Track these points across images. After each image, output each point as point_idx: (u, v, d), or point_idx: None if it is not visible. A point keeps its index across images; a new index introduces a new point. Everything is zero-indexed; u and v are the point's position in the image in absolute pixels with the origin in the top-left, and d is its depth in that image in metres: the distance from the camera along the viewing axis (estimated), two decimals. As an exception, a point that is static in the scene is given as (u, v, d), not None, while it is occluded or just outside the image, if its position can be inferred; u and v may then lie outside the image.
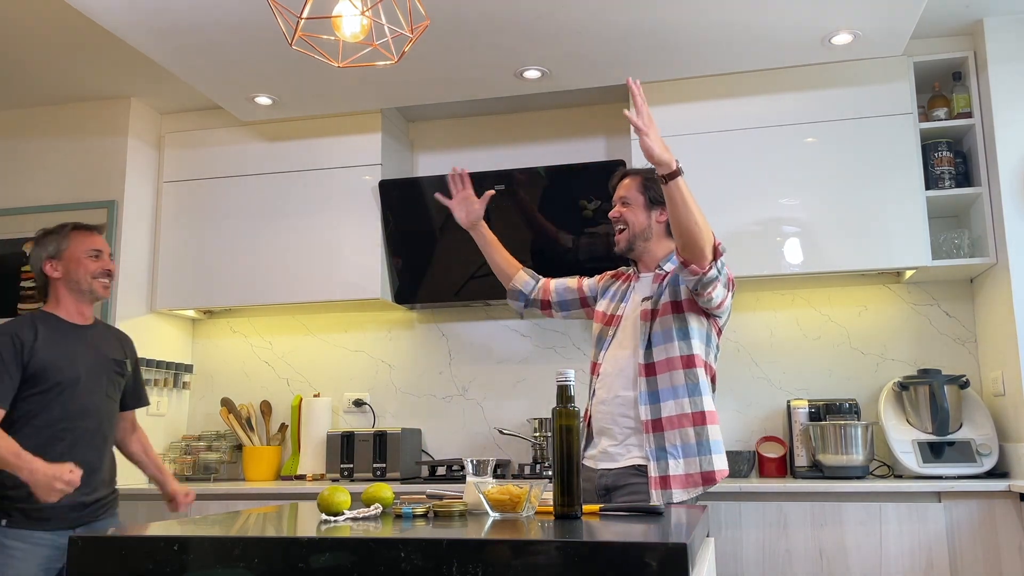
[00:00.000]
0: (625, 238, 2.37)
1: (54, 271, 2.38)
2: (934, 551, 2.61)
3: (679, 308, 2.26)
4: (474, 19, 2.73)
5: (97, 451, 2.36)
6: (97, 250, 2.42)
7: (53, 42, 3.17)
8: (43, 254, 2.39)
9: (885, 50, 3.00)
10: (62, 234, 2.41)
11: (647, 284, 2.37)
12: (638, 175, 2.39)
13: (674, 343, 2.24)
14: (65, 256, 2.38)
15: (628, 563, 1.06)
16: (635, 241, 2.37)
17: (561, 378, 1.56)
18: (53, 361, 2.28)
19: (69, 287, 2.39)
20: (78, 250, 2.39)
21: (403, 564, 1.12)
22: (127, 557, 1.20)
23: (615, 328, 2.36)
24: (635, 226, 2.35)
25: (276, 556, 1.16)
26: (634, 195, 2.36)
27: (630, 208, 2.36)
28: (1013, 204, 2.91)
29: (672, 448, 2.19)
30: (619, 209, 2.37)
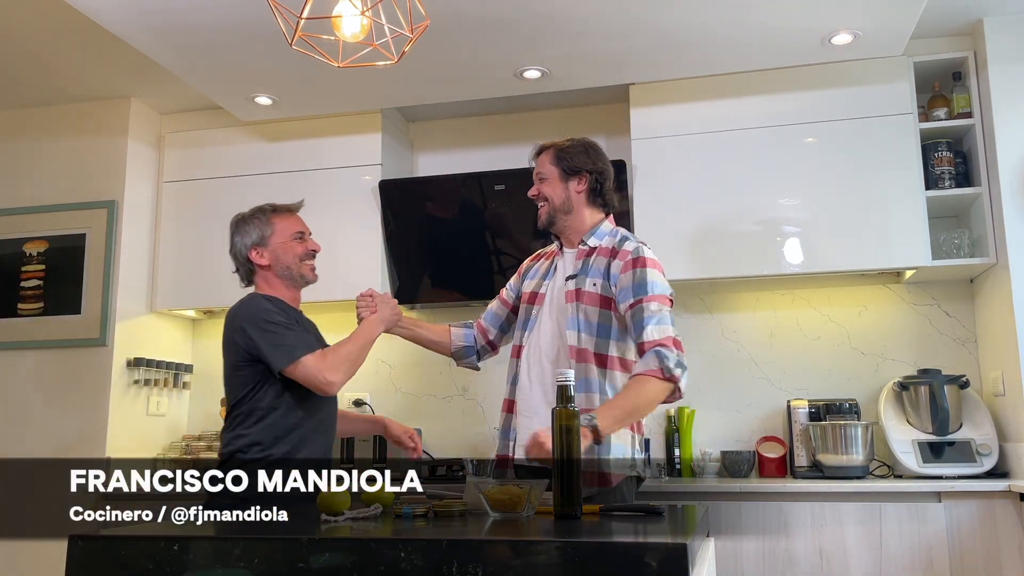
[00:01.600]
0: (546, 211, 2.27)
1: (261, 258, 2.29)
2: (934, 551, 2.61)
3: (607, 305, 2.15)
4: (474, 19, 2.73)
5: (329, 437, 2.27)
6: (301, 232, 2.34)
7: (53, 42, 3.16)
8: (248, 241, 2.31)
9: (885, 50, 3.00)
10: (264, 219, 2.32)
11: (571, 260, 2.27)
12: (550, 148, 2.29)
13: (593, 337, 2.14)
14: (272, 242, 2.30)
15: (628, 563, 1.06)
16: (556, 215, 2.26)
17: (561, 378, 1.56)
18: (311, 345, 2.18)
19: (279, 273, 2.30)
20: (284, 234, 2.31)
21: (403, 564, 1.11)
22: (127, 557, 1.20)
23: (539, 307, 2.26)
24: (554, 199, 2.25)
25: (276, 556, 1.16)
26: (548, 169, 2.27)
27: (547, 182, 2.27)
28: (1013, 204, 2.91)
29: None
30: (536, 187, 2.28)
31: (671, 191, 3.19)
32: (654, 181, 3.20)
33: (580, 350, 2.13)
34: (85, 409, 3.44)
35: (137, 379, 3.56)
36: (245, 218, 2.35)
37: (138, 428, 3.57)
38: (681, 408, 3.31)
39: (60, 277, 3.56)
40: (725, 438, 3.33)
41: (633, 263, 2.13)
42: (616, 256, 2.17)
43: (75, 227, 3.58)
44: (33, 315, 3.56)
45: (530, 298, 2.30)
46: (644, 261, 2.13)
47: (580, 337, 2.13)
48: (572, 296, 2.18)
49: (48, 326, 3.53)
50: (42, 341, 3.53)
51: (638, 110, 3.27)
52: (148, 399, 3.62)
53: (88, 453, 3.41)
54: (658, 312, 2.05)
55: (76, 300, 3.52)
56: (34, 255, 3.61)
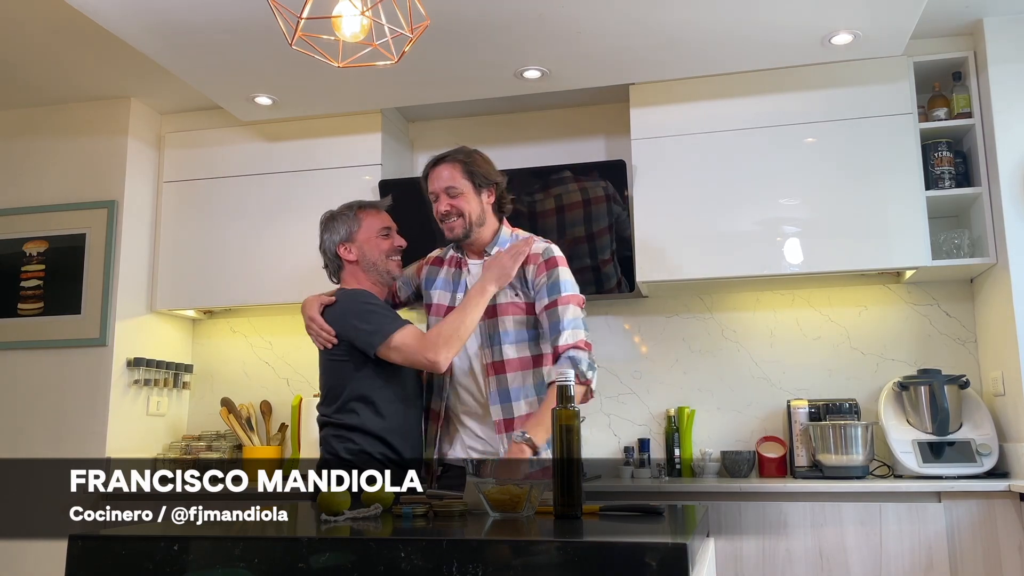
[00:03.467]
0: (461, 226, 2.27)
1: (348, 254, 2.36)
2: (934, 551, 2.61)
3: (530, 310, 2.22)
4: (474, 19, 2.73)
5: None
6: (387, 228, 2.40)
7: (53, 42, 3.16)
8: (336, 238, 2.37)
9: (885, 50, 3.00)
10: (351, 216, 2.38)
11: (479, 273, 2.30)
12: (455, 162, 2.30)
13: (525, 343, 2.21)
14: (358, 238, 2.36)
15: (628, 563, 1.06)
16: (471, 229, 2.28)
17: (561, 378, 1.56)
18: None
19: (365, 268, 2.36)
20: (370, 231, 2.37)
21: (403, 564, 1.11)
22: (127, 557, 1.20)
23: None
24: (471, 214, 2.27)
25: (276, 556, 1.16)
26: (463, 183, 2.27)
27: (463, 197, 2.27)
28: (1013, 204, 2.91)
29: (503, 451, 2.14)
30: (449, 202, 2.27)
31: (671, 191, 3.19)
32: (654, 181, 3.20)
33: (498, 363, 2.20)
34: (85, 409, 3.44)
35: (137, 379, 3.56)
36: (334, 215, 2.41)
37: (138, 428, 3.57)
38: (681, 408, 3.31)
39: (60, 277, 3.56)
40: (725, 438, 3.33)
41: (546, 264, 2.22)
42: (527, 262, 2.24)
43: (75, 227, 3.58)
44: (33, 315, 3.56)
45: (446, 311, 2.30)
46: (555, 261, 2.23)
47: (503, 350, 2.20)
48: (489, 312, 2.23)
49: (48, 326, 3.53)
50: (42, 341, 3.53)
51: (638, 110, 3.27)
52: (148, 399, 3.63)
53: (88, 453, 3.41)
54: (572, 316, 2.16)
55: (76, 300, 3.52)
56: (34, 255, 3.61)
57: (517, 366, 2.20)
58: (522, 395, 2.18)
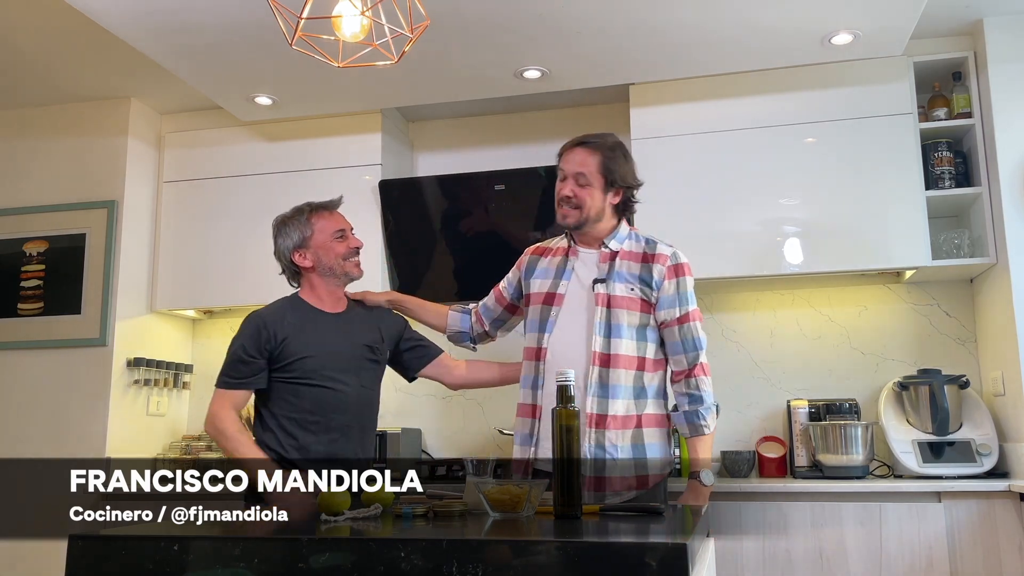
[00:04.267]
0: (575, 217, 2.18)
1: (304, 260, 2.30)
2: (934, 551, 2.61)
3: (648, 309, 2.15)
4: (474, 19, 2.73)
5: (352, 444, 2.26)
6: (341, 230, 2.33)
7: (53, 42, 3.16)
8: (290, 243, 2.31)
9: (885, 50, 3.00)
10: (303, 220, 2.32)
11: (592, 262, 2.22)
12: (597, 150, 2.19)
13: (633, 341, 2.13)
14: (312, 244, 2.30)
15: (628, 563, 1.06)
16: (586, 223, 2.20)
17: (561, 378, 1.56)
18: (299, 349, 2.21)
19: (322, 274, 2.31)
20: (324, 234, 2.30)
21: (403, 564, 1.11)
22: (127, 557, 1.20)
23: (558, 308, 2.20)
24: (590, 209, 2.18)
25: (276, 556, 1.16)
26: (594, 175, 2.17)
27: (589, 189, 2.17)
28: (1013, 204, 2.91)
29: (612, 448, 2.09)
30: (574, 188, 2.17)
31: (671, 191, 3.18)
32: (654, 181, 3.17)
33: (607, 356, 2.11)
34: (85, 409, 3.44)
35: (137, 379, 3.56)
36: (285, 220, 2.35)
37: (138, 428, 3.57)
38: (681, 408, 3.31)
39: (60, 277, 3.56)
40: (725, 438, 3.33)
41: (675, 271, 2.18)
42: (654, 261, 2.18)
43: (75, 227, 3.58)
44: (33, 315, 3.56)
45: (547, 298, 2.22)
46: (683, 269, 2.19)
47: (610, 343, 2.12)
48: (604, 300, 2.14)
49: (48, 326, 3.53)
50: (42, 341, 3.53)
51: (638, 110, 3.27)
52: (148, 399, 3.63)
53: (88, 453, 3.41)
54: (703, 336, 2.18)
55: (76, 300, 3.52)
56: (34, 255, 3.61)
57: (623, 363, 2.12)
58: (621, 394, 2.11)
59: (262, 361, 2.21)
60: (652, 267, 2.17)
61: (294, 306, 2.31)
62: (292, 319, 2.26)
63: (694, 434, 2.16)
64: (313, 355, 2.22)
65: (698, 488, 2.12)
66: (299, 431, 2.20)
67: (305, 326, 2.26)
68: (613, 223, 2.25)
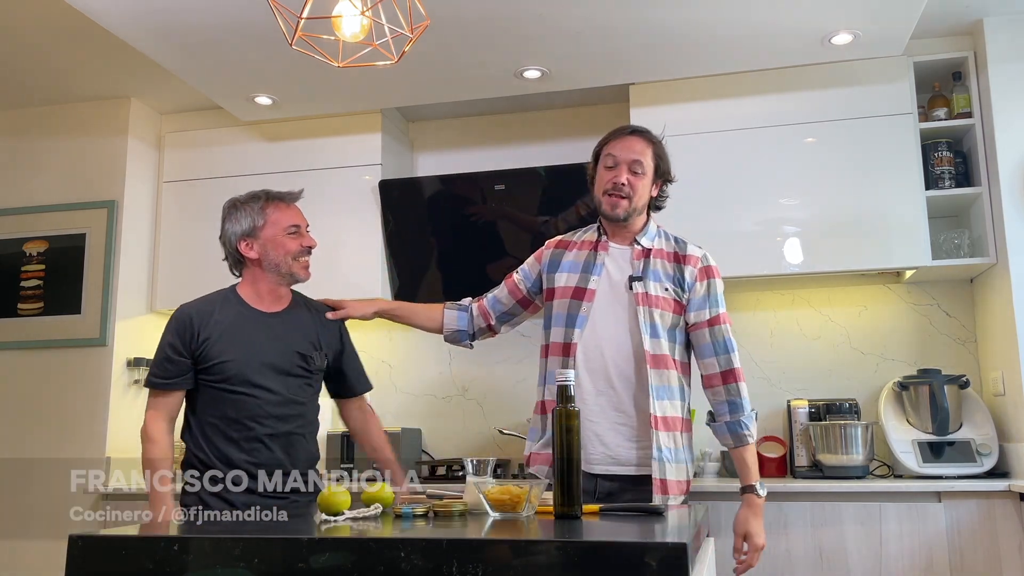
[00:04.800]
0: (625, 208, 2.14)
1: (250, 251, 2.15)
2: (934, 551, 2.61)
3: (680, 310, 2.14)
4: (474, 19, 2.73)
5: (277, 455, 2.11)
6: (295, 226, 2.17)
7: (53, 42, 3.17)
8: (238, 230, 2.15)
9: (885, 50, 3.00)
10: (256, 208, 2.15)
11: (625, 259, 2.18)
12: (652, 141, 2.19)
13: (675, 343, 2.13)
14: (262, 235, 2.14)
15: (628, 563, 1.06)
16: (632, 214, 2.16)
17: (561, 378, 1.56)
18: (222, 352, 2.08)
19: (267, 269, 2.16)
20: (276, 228, 2.15)
21: (403, 564, 1.11)
22: (127, 557, 1.20)
23: (589, 304, 2.14)
24: (640, 200, 2.16)
25: (276, 556, 1.16)
26: (649, 165, 2.15)
27: (642, 178, 2.14)
28: (1013, 204, 2.91)
29: (667, 451, 2.08)
30: (629, 177, 2.13)
31: (671, 191, 3.18)
32: (654, 181, 3.20)
33: (657, 356, 2.09)
34: (85, 409, 3.44)
35: (137, 379, 3.56)
36: (237, 204, 2.19)
37: (138, 428, 3.56)
38: (681, 408, 3.31)
39: (60, 277, 3.56)
40: (725, 438, 3.33)
41: (706, 272, 2.16)
42: (685, 262, 2.17)
43: (75, 227, 3.59)
44: (33, 315, 3.56)
45: (576, 293, 2.15)
46: (714, 271, 2.18)
47: (654, 343, 2.09)
48: (643, 299, 2.10)
49: (48, 326, 3.54)
50: (42, 341, 3.53)
51: (638, 110, 3.27)
52: (148, 399, 3.62)
53: (88, 453, 3.41)
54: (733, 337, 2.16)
55: (76, 300, 3.52)
56: (34, 255, 3.61)
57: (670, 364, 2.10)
58: (676, 395, 2.12)
59: (189, 360, 2.08)
60: (684, 268, 2.15)
61: (226, 302, 2.16)
62: (220, 317, 2.12)
63: (739, 444, 2.14)
64: (235, 359, 2.08)
65: (755, 502, 2.10)
66: (220, 439, 2.08)
67: (232, 326, 2.11)
68: (645, 218, 2.23)
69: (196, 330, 2.09)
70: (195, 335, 2.09)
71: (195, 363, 2.09)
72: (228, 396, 2.08)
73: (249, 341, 2.11)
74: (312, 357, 2.19)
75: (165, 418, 2.09)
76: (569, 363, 2.10)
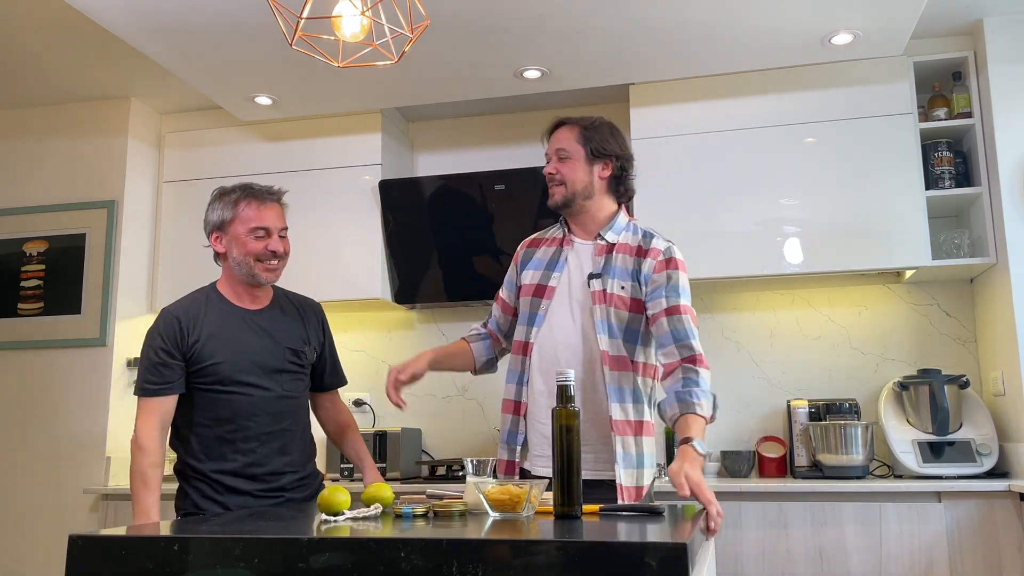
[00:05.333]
0: (561, 193, 2.04)
1: (218, 244, 2.10)
2: (934, 551, 2.61)
3: (638, 308, 2.00)
4: (474, 19, 2.73)
5: (271, 453, 2.09)
6: (263, 228, 2.07)
7: (53, 42, 3.17)
8: (212, 220, 2.09)
9: (885, 50, 3.00)
10: (230, 201, 2.08)
11: (587, 255, 2.07)
12: (576, 124, 2.07)
13: (635, 344, 2.00)
14: (230, 231, 2.07)
15: (628, 563, 1.06)
16: (574, 200, 2.04)
17: (561, 378, 1.56)
18: (212, 353, 2.04)
19: (233, 266, 2.09)
20: (243, 226, 2.06)
21: (403, 564, 1.11)
22: (127, 557, 1.20)
23: (547, 302, 2.04)
24: (574, 183, 2.03)
25: (276, 556, 1.16)
26: (573, 147, 2.04)
27: (569, 163, 2.04)
28: (1013, 204, 2.91)
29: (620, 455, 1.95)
30: (555, 164, 2.05)
31: (671, 191, 3.19)
32: (654, 181, 3.20)
33: (615, 357, 1.97)
34: (85, 409, 3.44)
35: (137, 379, 3.56)
36: (220, 194, 2.13)
37: (138, 428, 3.57)
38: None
39: (60, 277, 3.56)
40: (725, 438, 3.34)
41: (666, 263, 2.00)
42: (647, 255, 2.02)
43: (75, 227, 3.59)
44: (33, 315, 3.56)
45: (536, 291, 2.08)
46: (677, 263, 2.01)
47: (611, 343, 1.98)
48: (600, 297, 2.00)
49: (48, 326, 3.54)
50: (42, 341, 3.53)
51: (638, 110, 3.27)
52: (148, 399, 3.62)
53: (88, 453, 3.41)
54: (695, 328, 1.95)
55: (76, 300, 3.52)
56: (34, 255, 3.61)
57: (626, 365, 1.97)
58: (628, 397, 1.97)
59: (182, 363, 2.04)
60: (643, 261, 2.02)
61: (208, 301, 2.11)
62: (206, 318, 2.08)
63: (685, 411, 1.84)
64: (226, 360, 2.05)
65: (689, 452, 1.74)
66: (213, 441, 2.05)
67: (219, 327, 2.08)
68: (610, 206, 2.09)
69: (185, 332, 2.05)
70: (185, 337, 2.05)
71: (187, 366, 2.05)
72: (220, 397, 2.05)
73: (238, 341, 2.08)
74: (304, 352, 2.17)
75: (158, 426, 2.02)
76: (526, 362, 2.04)
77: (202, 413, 2.06)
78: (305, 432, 2.21)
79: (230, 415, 2.05)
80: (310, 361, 2.20)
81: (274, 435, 2.10)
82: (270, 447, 2.09)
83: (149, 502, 1.96)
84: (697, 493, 1.64)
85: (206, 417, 2.06)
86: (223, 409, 2.05)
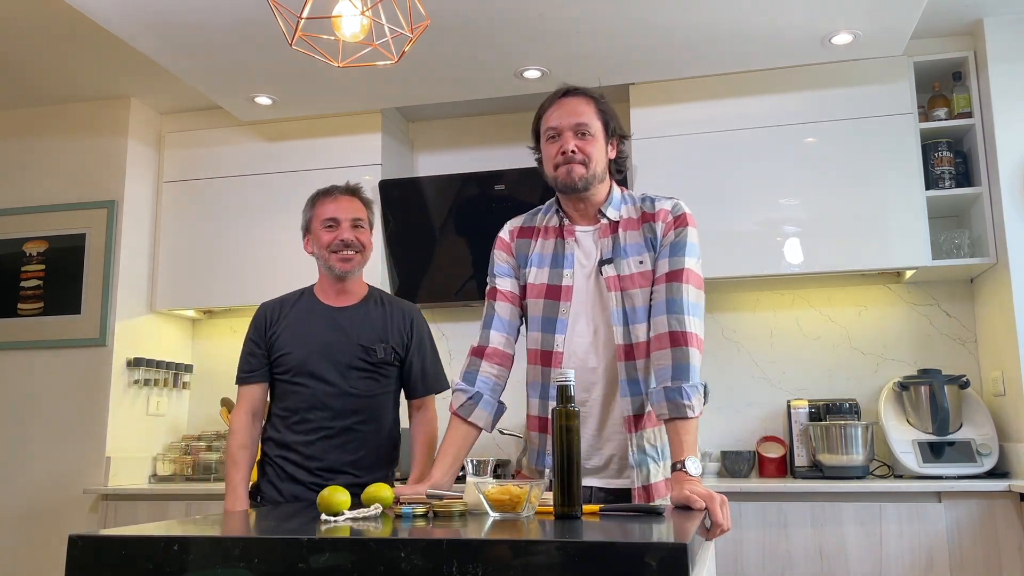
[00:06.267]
0: (582, 175, 1.82)
1: (307, 246, 2.22)
2: (934, 551, 2.61)
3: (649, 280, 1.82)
4: (474, 19, 2.73)
5: (330, 449, 2.11)
6: (332, 219, 2.15)
7: (53, 42, 3.17)
8: (302, 226, 2.24)
9: (885, 50, 3.00)
10: (308, 203, 2.22)
11: (591, 240, 1.89)
12: (591, 98, 1.87)
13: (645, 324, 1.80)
14: (312, 230, 2.20)
15: (628, 563, 1.05)
16: (592, 181, 1.84)
17: (561, 378, 1.56)
18: (287, 345, 2.15)
19: (318, 263, 2.21)
20: (318, 221, 2.18)
21: (403, 564, 1.11)
22: (127, 557, 1.20)
23: (568, 303, 1.86)
24: (597, 164, 1.84)
25: (276, 556, 1.16)
26: (596, 125, 1.85)
27: (592, 141, 1.84)
28: (1013, 204, 2.91)
29: (652, 449, 1.80)
30: (578, 143, 1.83)
31: (671, 191, 3.18)
32: (654, 181, 3.20)
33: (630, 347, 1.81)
34: (85, 409, 3.44)
35: (137, 379, 3.56)
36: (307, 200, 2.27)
37: (138, 428, 3.57)
38: (681, 408, 3.31)
39: (60, 277, 3.56)
40: (725, 438, 3.34)
41: (675, 221, 1.84)
42: (655, 219, 1.85)
43: (75, 227, 3.59)
44: (33, 315, 3.56)
45: (550, 292, 1.88)
46: (685, 219, 1.84)
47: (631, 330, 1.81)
48: (615, 284, 1.82)
49: (48, 326, 3.54)
50: (42, 341, 3.53)
51: (638, 110, 3.27)
52: (148, 399, 3.63)
53: (88, 453, 3.41)
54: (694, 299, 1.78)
55: (76, 300, 3.52)
56: (34, 255, 3.61)
57: (646, 351, 1.79)
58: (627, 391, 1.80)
59: (265, 353, 2.18)
60: (655, 225, 1.84)
61: (301, 297, 2.24)
62: (289, 311, 2.20)
63: (676, 415, 1.69)
64: (294, 351, 2.14)
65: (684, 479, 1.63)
66: (285, 431, 2.15)
67: (298, 319, 2.18)
68: (608, 185, 1.90)
69: (268, 324, 2.19)
70: (267, 329, 2.19)
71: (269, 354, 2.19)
72: (289, 388, 2.16)
73: (309, 333, 2.17)
74: (374, 349, 2.16)
75: (247, 410, 2.17)
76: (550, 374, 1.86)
77: (277, 402, 2.19)
78: (381, 435, 2.18)
79: (295, 406, 2.15)
80: (384, 360, 2.17)
81: (337, 432, 2.14)
82: (331, 443, 2.14)
83: (236, 479, 2.12)
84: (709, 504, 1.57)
85: (279, 406, 2.18)
86: (291, 399, 2.16)
